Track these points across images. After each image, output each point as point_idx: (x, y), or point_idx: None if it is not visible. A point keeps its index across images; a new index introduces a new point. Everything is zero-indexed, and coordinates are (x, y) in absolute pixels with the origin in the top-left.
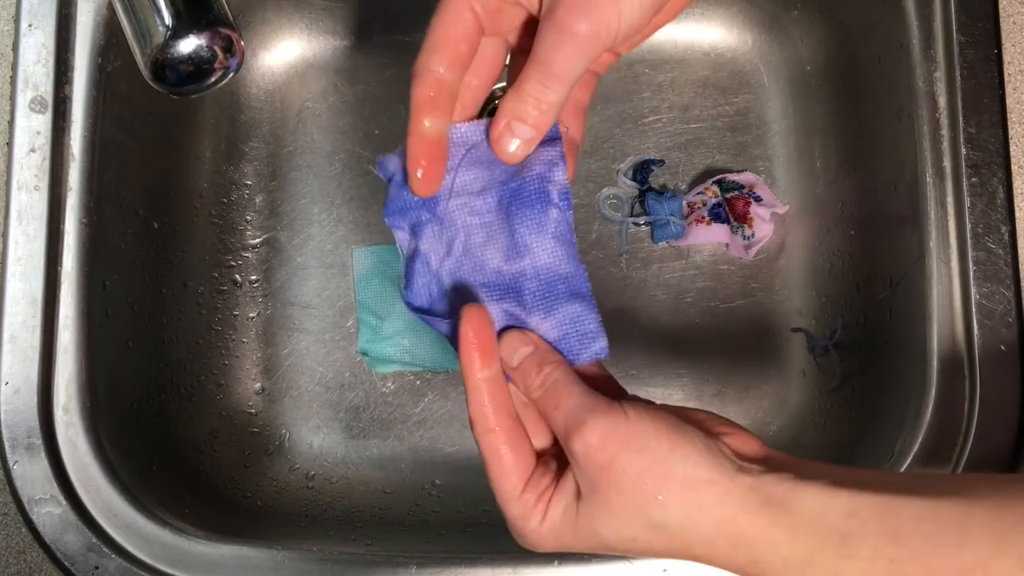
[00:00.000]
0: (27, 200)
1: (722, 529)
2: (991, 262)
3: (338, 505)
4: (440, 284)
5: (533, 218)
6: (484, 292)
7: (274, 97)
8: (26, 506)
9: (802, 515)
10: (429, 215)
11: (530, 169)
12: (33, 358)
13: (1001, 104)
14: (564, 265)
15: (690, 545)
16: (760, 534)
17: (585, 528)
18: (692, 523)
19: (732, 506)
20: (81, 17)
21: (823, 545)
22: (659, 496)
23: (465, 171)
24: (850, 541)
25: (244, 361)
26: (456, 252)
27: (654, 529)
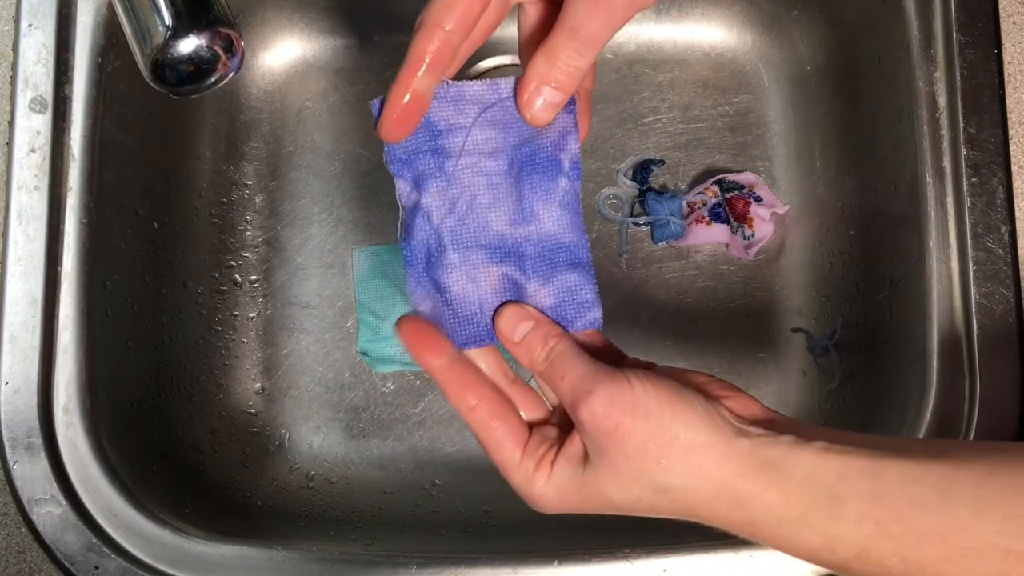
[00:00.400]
0: (27, 200)
1: (721, 490)
2: (991, 262)
3: (338, 505)
4: (439, 240)
5: (543, 185)
6: (484, 253)
7: (274, 97)
8: (26, 506)
9: (796, 477)
10: (437, 169)
11: (544, 136)
12: (33, 358)
13: (1001, 104)
14: (568, 234)
15: (692, 505)
16: (756, 495)
17: (591, 491)
18: (693, 485)
19: (730, 469)
20: (81, 17)
21: (815, 506)
22: (661, 460)
23: (478, 131)
24: (839, 502)
25: (244, 361)
26: (460, 210)
27: (657, 492)
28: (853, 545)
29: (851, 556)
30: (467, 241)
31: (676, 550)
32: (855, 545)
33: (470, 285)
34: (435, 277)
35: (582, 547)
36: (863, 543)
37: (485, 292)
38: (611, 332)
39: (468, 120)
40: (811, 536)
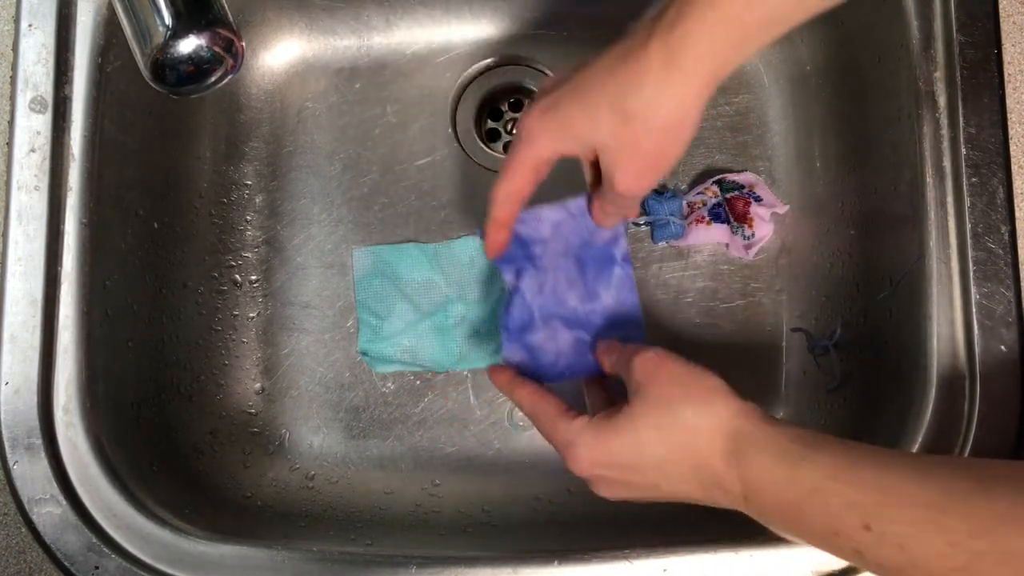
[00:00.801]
0: (27, 200)
1: (723, 427)
2: (991, 262)
3: (338, 505)
4: (531, 313)
5: (602, 274)
6: (561, 322)
7: (274, 97)
8: (26, 506)
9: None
10: (530, 266)
11: (601, 239)
12: (33, 358)
13: (1001, 104)
14: (623, 307)
15: (696, 436)
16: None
17: (623, 423)
18: (705, 421)
19: (734, 411)
20: (81, 17)
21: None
22: (687, 396)
23: (555, 240)
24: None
25: (244, 361)
26: (546, 291)
27: (675, 423)
28: (809, 482)
29: (805, 492)
30: (549, 313)
31: (676, 550)
32: (811, 482)
33: (551, 344)
34: (526, 339)
35: (582, 547)
36: (817, 482)
37: (561, 348)
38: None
39: (547, 231)
40: (780, 469)
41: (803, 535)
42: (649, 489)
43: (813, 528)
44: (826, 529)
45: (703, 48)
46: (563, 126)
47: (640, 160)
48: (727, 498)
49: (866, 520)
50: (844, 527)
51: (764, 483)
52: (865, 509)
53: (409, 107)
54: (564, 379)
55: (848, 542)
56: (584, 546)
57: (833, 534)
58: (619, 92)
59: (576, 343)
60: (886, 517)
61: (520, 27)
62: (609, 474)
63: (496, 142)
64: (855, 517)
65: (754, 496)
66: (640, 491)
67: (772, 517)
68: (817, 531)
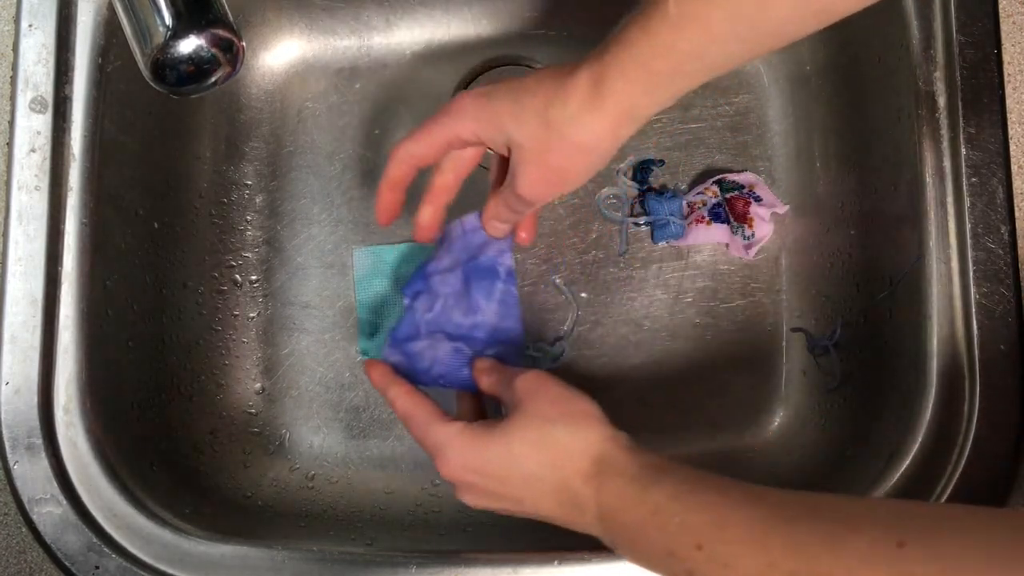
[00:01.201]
0: (27, 200)
1: (590, 450)
2: (991, 262)
3: (338, 505)
4: (418, 328)
5: (485, 287)
6: (444, 334)
7: (274, 97)
8: (26, 506)
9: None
10: (423, 288)
11: (485, 253)
12: (33, 358)
13: (1001, 104)
14: (504, 321)
15: (564, 456)
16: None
17: (499, 433)
18: (572, 442)
19: (604, 437)
20: (81, 17)
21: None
22: (561, 416)
23: (446, 255)
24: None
25: (244, 361)
26: (436, 309)
27: (546, 444)
28: (653, 502)
29: (649, 511)
30: (434, 328)
31: None
32: (655, 503)
33: (430, 351)
34: (407, 346)
35: (582, 547)
36: (661, 501)
37: (439, 356)
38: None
39: (440, 247)
40: (632, 491)
41: (644, 557)
42: (512, 502)
43: (652, 548)
44: (663, 549)
45: (618, 86)
46: (491, 114)
47: (546, 168)
48: (583, 519)
49: (698, 540)
50: (679, 547)
51: (615, 504)
52: (699, 529)
53: (409, 107)
54: (437, 386)
55: (682, 563)
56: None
57: (668, 554)
58: (547, 101)
59: (454, 352)
60: (716, 538)
61: (520, 27)
62: (478, 481)
63: None
64: (689, 536)
65: (606, 517)
66: (503, 503)
67: (618, 539)
68: (655, 551)
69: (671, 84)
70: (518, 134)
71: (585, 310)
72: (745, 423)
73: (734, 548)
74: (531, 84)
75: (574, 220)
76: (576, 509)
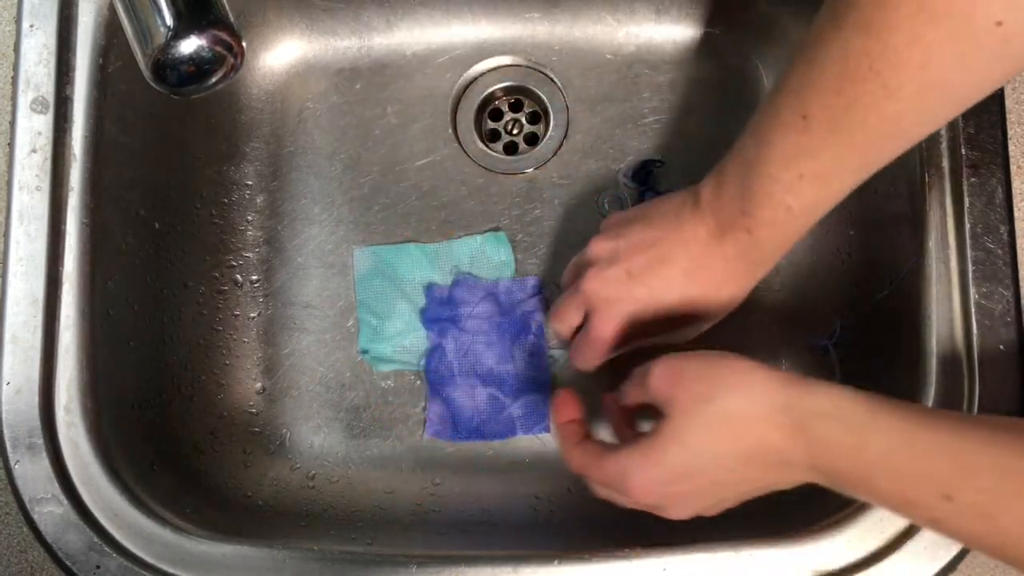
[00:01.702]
0: (28, 200)
1: (776, 401)
2: (990, 262)
3: (339, 504)
4: (449, 367)
5: (518, 340)
6: (477, 379)
7: (275, 97)
8: (27, 505)
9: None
10: (453, 326)
11: (518, 313)
12: (34, 358)
13: (1000, 104)
14: (534, 371)
15: (746, 422)
16: (808, 392)
17: (668, 436)
18: (748, 402)
19: (776, 384)
20: (82, 17)
21: (853, 415)
22: (718, 388)
23: (481, 307)
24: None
25: (245, 361)
26: (463, 349)
27: (719, 419)
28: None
29: (874, 459)
30: (466, 368)
31: (676, 550)
32: (881, 450)
33: (468, 401)
34: (446, 392)
35: (582, 547)
36: (887, 449)
37: (478, 405)
38: None
39: (477, 298)
40: (847, 437)
41: (876, 502)
42: (712, 490)
43: (885, 497)
44: (899, 498)
45: None
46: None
47: None
48: (793, 473)
49: (945, 489)
50: (920, 497)
51: (831, 453)
52: (943, 478)
53: (409, 107)
54: (475, 439)
55: (925, 512)
56: (584, 546)
57: (907, 504)
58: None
59: (490, 400)
60: (967, 488)
61: (520, 27)
62: (670, 491)
63: (496, 142)
64: (932, 486)
65: (822, 465)
66: (705, 497)
67: (842, 485)
68: (890, 500)
69: None
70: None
71: None
72: None
73: (990, 498)
74: None
75: (574, 220)
76: (783, 466)
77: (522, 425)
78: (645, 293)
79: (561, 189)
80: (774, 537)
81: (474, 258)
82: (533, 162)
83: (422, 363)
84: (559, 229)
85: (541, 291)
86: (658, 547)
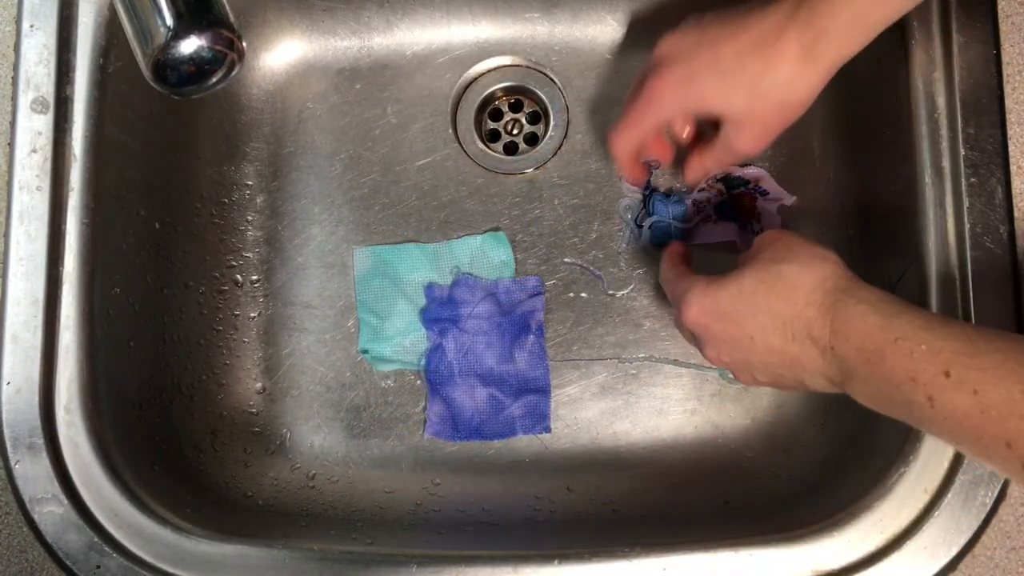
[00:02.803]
0: (29, 200)
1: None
2: (990, 262)
3: (339, 504)
4: (449, 367)
5: (518, 339)
6: (477, 379)
7: (275, 98)
8: (28, 505)
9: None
10: (453, 326)
11: (518, 311)
12: (35, 358)
13: (1000, 105)
14: (534, 370)
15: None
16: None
17: (732, 277)
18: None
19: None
20: (82, 18)
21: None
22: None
23: (481, 307)
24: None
25: (245, 361)
26: (464, 349)
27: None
28: (900, 331)
29: (893, 338)
30: (466, 369)
31: (676, 549)
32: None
33: (469, 400)
34: (446, 391)
35: (582, 547)
36: (907, 331)
37: (478, 405)
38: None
39: (477, 299)
40: (874, 318)
41: (877, 383)
42: (744, 343)
43: (891, 373)
44: (904, 374)
45: (834, 44)
46: (696, 98)
47: (763, 128)
48: (813, 348)
49: (947, 366)
50: (923, 372)
51: (854, 328)
52: (948, 356)
53: (409, 108)
54: (475, 438)
55: (922, 389)
56: (584, 546)
57: (910, 379)
58: (756, 75)
59: (490, 399)
60: (967, 364)
61: (520, 27)
62: (711, 323)
63: (496, 142)
64: (936, 363)
65: (840, 343)
66: (736, 347)
67: (852, 363)
68: (894, 377)
69: (878, 28)
70: (730, 110)
71: (584, 310)
72: (744, 423)
73: (985, 375)
74: (731, 61)
75: (574, 220)
76: (808, 339)
77: (522, 425)
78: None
79: (561, 189)
80: (774, 537)
81: (474, 258)
82: (533, 162)
83: (422, 363)
84: (559, 229)
85: (541, 291)
86: (658, 547)
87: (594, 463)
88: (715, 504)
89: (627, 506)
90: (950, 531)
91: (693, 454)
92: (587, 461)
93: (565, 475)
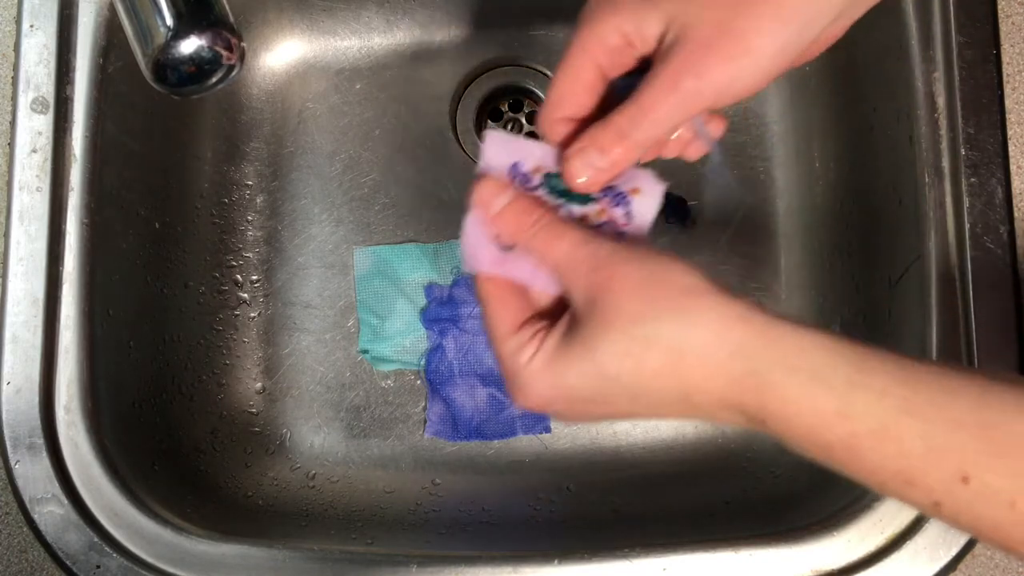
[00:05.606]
0: (29, 200)
1: (721, 337)
2: (990, 262)
3: (339, 504)
4: (450, 367)
5: None
6: (477, 379)
7: (275, 98)
8: (28, 505)
9: (812, 338)
10: (453, 326)
11: None
12: (35, 358)
13: (1000, 105)
14: None
15: (682, 358)
16: (765, 343)
17: (578, 351)
18: (686, 332)
19: (733, 312)
20: (82, 18)
21: (835, 365)
22: (654, 304)
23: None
24: (864, 370)
25: (245, 361)
26: (464, 349)
27: (649, 344)
28: (872, 417)
29: (864, 430)
30: (466, 368)
31: (676, 550)
32: (874, 417)
33: (469, 401)
34: (446, 393)
35: (582, 547)
36: (883, 416)
37: (478, 405)
38: None
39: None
40: (826, 398)
41: (856, 476)
42: (622, 416)
43: (875, 474)
44: (896, 477)
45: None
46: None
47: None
48: (737, 420)
49: (964, 470)
50: (927, 476)
51: (801, 416)
52: (962, 457)
53: (409, 108)
54: (476, 439)
55: (928, 495)
56: (584, 546)
57: (906, 483)
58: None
59: (490, 399)
60: (992, 468)
61: (520, 27)
62: (566, 409)
63: None
64: (948, 464)
65: (784, 429)
66: (611, 419)
67: (812, 452)
68: (882, 478)
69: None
70: (686, 12)
71: None
72: None
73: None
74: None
75: None
76: (726, 412)
77: (522, 425)
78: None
79: None
80: (774, 537)
81: None
82: None
83: (422, 363)
84: None
85: None
86: (658, 547)
87: (594, 463)
88: (715, 504)
89: (627, 506)
90: (950, 531)
91: (693, 454)
92: (587, 461)
93: (565, 475)
